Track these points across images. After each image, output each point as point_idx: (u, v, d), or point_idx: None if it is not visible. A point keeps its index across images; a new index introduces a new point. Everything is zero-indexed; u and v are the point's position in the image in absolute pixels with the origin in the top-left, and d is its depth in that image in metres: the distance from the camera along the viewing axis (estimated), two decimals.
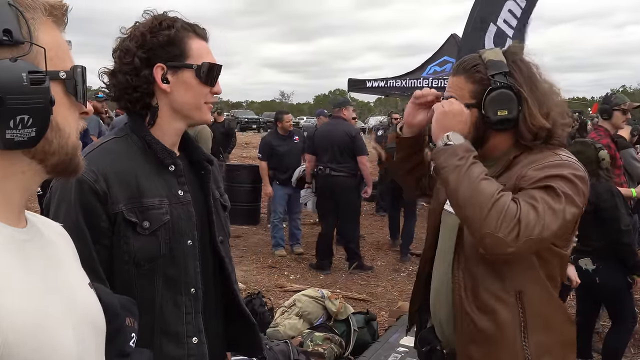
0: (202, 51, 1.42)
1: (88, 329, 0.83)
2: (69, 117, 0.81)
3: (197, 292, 1.42)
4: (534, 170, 1.47)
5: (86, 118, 0.87)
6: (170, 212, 1.38)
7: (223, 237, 1.54)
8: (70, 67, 0.81)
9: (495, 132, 1.58)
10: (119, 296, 1.16)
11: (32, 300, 0.72)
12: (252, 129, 37.84)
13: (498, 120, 1.54)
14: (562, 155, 1.52)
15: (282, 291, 5.59)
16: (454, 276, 1.59)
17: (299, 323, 4.02)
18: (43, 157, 0.77)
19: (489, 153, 1.62)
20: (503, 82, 1.54)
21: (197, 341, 1.41)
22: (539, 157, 1.52)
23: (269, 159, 7.03)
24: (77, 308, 0.82)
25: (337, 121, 6.60)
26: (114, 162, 1.36)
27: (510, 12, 4.39)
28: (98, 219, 1.32)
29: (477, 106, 1.56)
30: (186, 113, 1.43)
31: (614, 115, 4.33)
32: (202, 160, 1.53)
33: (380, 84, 10.64)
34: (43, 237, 0.84)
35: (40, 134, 0.74)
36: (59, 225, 0.96)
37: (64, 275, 0.84)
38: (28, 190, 0.80)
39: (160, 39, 1.37)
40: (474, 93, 1.57)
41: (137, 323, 1.16)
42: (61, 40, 0.82)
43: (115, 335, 1.00)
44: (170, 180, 1.42)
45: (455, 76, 1.63)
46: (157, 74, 1.37)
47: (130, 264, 1.34)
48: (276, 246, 7.13)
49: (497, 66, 1.55)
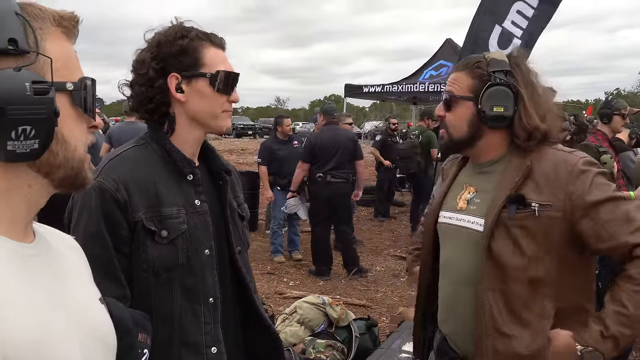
0: (216, 60, 1.42)
1: (96, 345, 0.82)
2: (76, 130, 0.79)
3: (215, 301, 1.42)
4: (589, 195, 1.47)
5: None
6: (187, 221, 1.39)
7: (241, 247, 1.55)
8: (79, 78, 0.79)
9: (488, 130, 1.59)
10: (131, 311, 1.14)
11: (34, 316, 0.70)
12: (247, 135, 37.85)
13: (493, 116, 1.55)
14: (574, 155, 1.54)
15: (282, 298, 5.57)
16: (485, 297, 1.52)
17: (300, 330, 4.00)
18: (48, 170, 0.76)
19: (483, 153, 1.65)
20: (503, 79, 1.56)
21: (216, 351, 1.40)
22: (553, 157, 1.53)
23: (268, 164, 6.99)
24: (84, 324, 0.80)
25: (335, 126, 6.59)
26: (133, 170, 1.37)
27: (520, 13, 4.35)
28: (119, 227, 1.32)
29: (474, 100, 1.58)
30: (203, 121, 1.44)
31: (614, 119, 4.35)
32: (220, 170, 1.54)
33: (377, 89, 10.69)
34: (51, 251, 0.82)
35: (44, 146, 0.72)
36: (71, 238, 0.95)
37: (72, 290, 0.82)
38: (35, 205, 0.78)
39: (173, 49, 1.38)
40: (473, 87, 1.59)
41: (149, 339, 1.14)
42: (70, 51, 0.80)
43: (126, 352, 0.98)
44: (187, 190, 1.42)
45: (456, 72, 1.66)
46: (172, 83, 1.39)
47: (149, 272, 1.34)
48: (275, 252, 7.10)
49: (499, 64, 1.58)
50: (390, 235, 8.66)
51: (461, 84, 1.61)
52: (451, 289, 1.67)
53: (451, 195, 1.74)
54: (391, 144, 9.73)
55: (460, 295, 1.62)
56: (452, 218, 1.69)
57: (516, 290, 1.50)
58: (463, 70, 1.63)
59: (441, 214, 1.73)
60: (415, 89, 10.13)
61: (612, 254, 1.50)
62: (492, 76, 1.56)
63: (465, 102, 1.60)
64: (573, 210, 1.47)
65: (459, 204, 1.68)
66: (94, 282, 0.93)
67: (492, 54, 1.62)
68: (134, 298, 1.34)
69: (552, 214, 1.48)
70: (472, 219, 1.61)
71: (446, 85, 1.67)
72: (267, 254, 7.20)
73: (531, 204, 1.49)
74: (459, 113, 1.62)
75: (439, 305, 1.74)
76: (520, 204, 1.49)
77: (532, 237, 1.49)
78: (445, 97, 1.64)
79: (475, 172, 1.70)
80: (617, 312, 1.42)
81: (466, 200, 1.67)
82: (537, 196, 1.49)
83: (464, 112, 1.61)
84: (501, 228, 1.52)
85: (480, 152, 1.65)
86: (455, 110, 1.62)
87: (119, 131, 6.23)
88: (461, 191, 1.70)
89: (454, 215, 1.68)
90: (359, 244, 7.83)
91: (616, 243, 1.44)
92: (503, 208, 1.51)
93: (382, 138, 9.82)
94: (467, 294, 1.58)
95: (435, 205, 1.76)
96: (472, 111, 1.59)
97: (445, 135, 1.67)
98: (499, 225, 1.52)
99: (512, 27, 4.29)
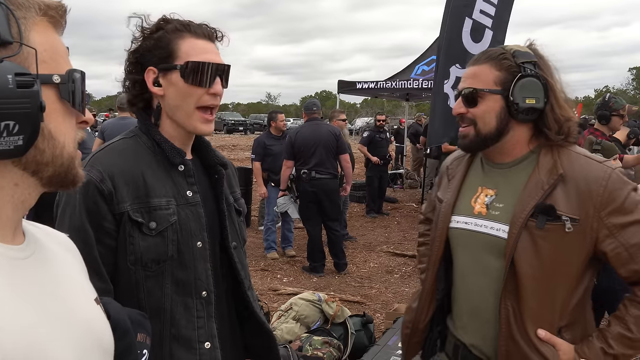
0: (193, 50, 1.34)
1: (92, 348, 0.79)
2: (64, 125, 0.74)
3: (209, 295, 1.39)
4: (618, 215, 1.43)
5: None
6: (178, 212, 1.36)
7: (237, 243, 1.51)
8: (66, 71, 0.74)
9: (516, 125, 1.54)
10: (130, 310, 1.11)
11: (24, 320, 0.67)
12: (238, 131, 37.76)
13: (526, 108, 1.49)
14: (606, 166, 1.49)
15: (276, 294, 5.55)
16: (504, 306, 1.50)
17: (296, 327, 3.99)
18: (36, 168, 0.72)
19: (507, 150, 1.58)
20: (533, 70, 1.50)
21: (209, 346, 1.37)
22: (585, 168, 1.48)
23: (262, 160, 6.95)
24: (78, 326, 0.77)
25: (318, 122, 6.49)
26: (120, 161, 1.34)
27: (486, 1, 4.35)
28: (103, 220, 1.29)
29: (503, 93, 1.51)
30: (178, 120, 1.38)
31: (612, 120, 4.35)
32: (215, 164, 1.50)
33: (370, 85, 10.68)
34: (43, 252, 0.79)
35: (28, 143, 0.68)
36: (64, 236, 0.92)
37: (65, 292, 0.79)
38: (23, 204, 0.74)
39: (148, 42, 1.36)
40: (501, 80, 1.52)
41: (149, 339, 1.11)
42: (57, 42, 0.76)
43: (125, 353, 0.95)
44: (179, 181, 1.39)
45: (476, 65, 1.57)
46: (149, 77, 1.36)
47: (137, 264, 1.31)
48: (268, 249, 7.08)
49: (526, 56, 1.52)
50: (384, 232, 8.66)
51: (485, 77, 1.54)
52: (474, 296, 1.61)
53: (464, 198, 1.66)
54: (379, 141, 9.72)
55: (482, 304, 1.58)
56: (469, 223, 1.61)
57: (530, 301, 1.48)
58: (485, 63, 1.55)
59: (453, 219, 1.65)
60: (408, 85, 10.14)
61: (628, 276, 1.48)
62: (522, 67, 1.50)
63: (493, 96, 1.52)
64: (600, 228, 1.44)
65: (475, 207, 1.61)
66: (89, 282, 0.90)
67: (514, 47, 1.56)
68: (121, 291, 1.31)
69: (579, 229, 1.44)
70: (495, 225, 1.54)
71: (461, 83, 1.60)
72: (261, 250, 7.18)
73: (561, 217, 1.44)
74: (486, 107, 1.54)
75: (456, 311, 1.69)
76: (550, 216, 1.45)
77: (554, 250, 1.46)
78: (468, 92, 1.55)
79: (493, 172, 1.63)
80: (622, 335, 1.45)
81: (484, 204, 1.60)
82: (567, 208, 1.45)
83: (491, 106, 1.53)
84: (526, 237, 1.47)
85: (503, 149, 1.58)
86: (481, 104, 1.54)
87: (111, 127, 6.19)
88: (475, 194, 1.63)
89: (471, 220, 1.61)
90: (352, 241, 7.83)
91: (636, 267, 1.44)
92: (530, 217, 1.46)
93: (369, 134, 9.81)
94: (489, 302, 1.55)
95: (447, 209, 1.67)
96: (500, 104, 1.52)
97: (470, 132, 1.58)
98: (523, 234, 1.47)
99: (482, 17, 4.29)
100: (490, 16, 4.33)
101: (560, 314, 1.49)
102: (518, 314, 1.48)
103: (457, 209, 1.66)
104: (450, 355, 1.72)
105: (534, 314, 1.47)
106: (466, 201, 1.65)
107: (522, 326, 1.48)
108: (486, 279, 1.56)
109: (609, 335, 1.46)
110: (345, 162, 6.36)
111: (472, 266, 1.61)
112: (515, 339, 1.48)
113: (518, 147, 1.57)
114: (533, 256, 1.46)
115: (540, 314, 1.48)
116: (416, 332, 1.79)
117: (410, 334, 1.81)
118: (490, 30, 4.33)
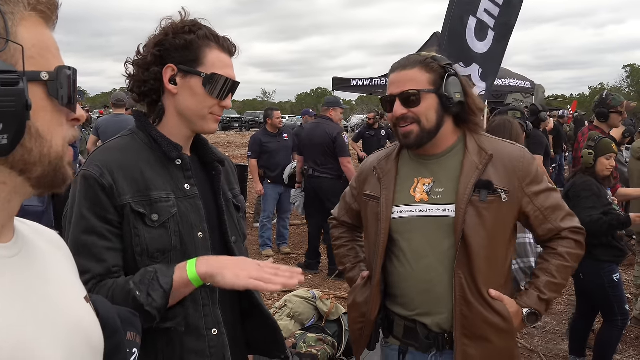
0: (218, 63, 1.42)
1: (80, 346, 0.78)
2: (52, 124, 0.72)
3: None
4: (533, 185, 1.78)
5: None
6: (178, 205, 1.40)
7: (237, 237, 1.55)
8: (55, 67, 0.72)
9: (447, 117, 1.78)
10: (120, 309, 1.10)
11: (10, 318, 0.66)
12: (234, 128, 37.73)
13: (457, 102, 1.74)
14: (520, 146, 1.85)
15: (270, 291, 5.54)
16: (457, 274, 1.71)
17: (291, 324, 3.99)
18: (23, 167, 0.70)
19: (441, 142, 1.81)
20: (453, 70, 1.76)
21: (216, 332, 1.42)
22: (507, 149, 1.80)
23: (258, 157, 6.94)
24: (66, 324, 0.76)
25: (321, 121, 6.41)
26: (118, 157, 1.38)
27: (491, 1, 4.33)
28: (106, 212, 1.33)
29: (437, 92, 1.74)
30: (189, 118, 1.44)
31: (611, 117, 4.35)
32: (213, 160, 1.55)
33: (365, 82, 10.65)
34: (31, 250, 0.78)
35: (14, 142, 0.66)
36: (57, 235, 0.91)
37: (54, 290, 0.78)
38: (10, 204, 0.72)
39: (178, 41, 1.40)
40: (433, 81, 1.75)
41: (139, 337, 1.11)
42: (47, 37, 0.74)
43: (114, 352, 0.94)
44: (176, 175, 1.43)
45: (406, 70, 1.77)
46: (166, 73, 1.41)
47: (144, 255, 1.35)
48: (264, 246, 7.08)
49: (443, 60, 1.78)
50: None
51: (420, 79, 1.74)
52: (427, 274, 1.76)
53: (401, 190, 1.83)
54: (369, 137, 9.74)
55: (436, 279, 1.74)
56: (412, 210, 1.79)
57: (477, 265, 1.70)
58: (415, 68, 1.76)
59: (395, 209, 1.81)
60: None
61: (544, 234, 1.83)
62: (446, 68, 1.75)
63: (430, 94, 1.74)
64: (522, 197, 1.76)
65: (416, 196, 1.80)
66: (80, 280, 0.89)
67: (428, 53, 1.81)
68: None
69: (510, 199, 1.74)
70: (440, 207, 1.75)
71: (395, 87, 1.77)
72: (256, 247, 7.17)
73: (497, 189, 1.72)
74: (427, 104, 1.74)
75: (403, 295, 1.82)
76: (490, 189, 1.71)
77: (495, 219, 1.72)
78: (411, 94, 1.74)
79: (425, 164, 1.83)
80: (550, 282, 1.79)
81: (424, 191, 1.79)
82: (499, 182, 1.73)
83: (431, 103, 1.75)
84: (472, 211, 1.70)
85: (437, 141, 1.79)
86: (423, 103, 1.74)
87: (106, 123, 6.17)
88: (412, 184, 1.82)
89: (414, 207, 1.79)
90: None
91: (550, 226, 1.80)
92: (473, 193, 1.70)
93: (360, 131, 9.84)
94: (442, 276, 1.74)
95: (387, 202, 1.82)
96: (437, 101, 1.75)
97: (414, 129, 1.76)
98: (469, 209, 1.70)
99: (485, 16, 4.27)
100: (493, 16, 4.32)
101: (502, 274, 1.78)
102: (471, 280, 1.71)
103: (397, 201, 1.83)
104: (401, 337, 1.85)
105: (485, 278, 1.72)
106: (405, 192, 1.83)
107: (477, 290, 1.71)
108: (438, 256, 1.74)
109: (540, 284, 1.80)
110: (344, 166, 6.09)
111: (424, 248, 1.77)
112: (469, 301, 1.71)
113: (447, 138, 1.81)
114: (480, 227, 1.70)
115: (489, 276, 1.73)
116: (368, 325, 1.88)
117: (363, 327, 1.90)
118: (492, 30, 4.31)
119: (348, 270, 2.07)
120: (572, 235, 1.81)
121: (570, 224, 1.82)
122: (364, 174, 1.99)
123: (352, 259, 2.08)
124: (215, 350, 1.40)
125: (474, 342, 1.72)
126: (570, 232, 1.81)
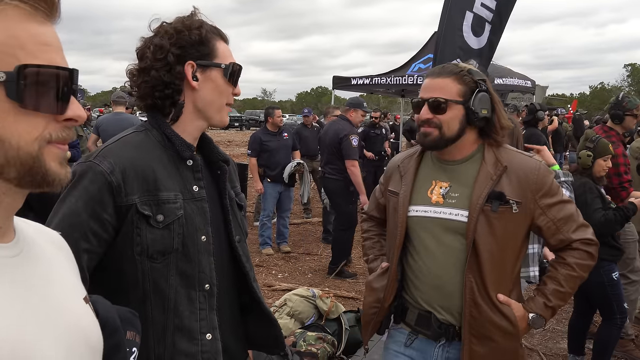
0: (227, 53, 1.48)
1: (79, 345, 0.78)
2: (13, 126, 0.67)
3: (211, 288, 1.43)
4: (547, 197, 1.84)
5: None
6: (184, 207, 1.40)
7: (240, 236, 1.56)
8: (15, 66, 0.66)
9: (469, 128, 1.87)
10: (119, 308, 1.10)
11: (10, 318, 0.66)
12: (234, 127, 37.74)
13: (482, 117, 1.84)
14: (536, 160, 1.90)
15: (271, 290, 5.55)
16: (467, 277, 1.80)
17: (291, 323, 4.00)
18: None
19: (460, 150, 1.89)
20: (485, 87, 1.85)
21: (210, 337, 1.41)
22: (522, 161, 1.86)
23: (258, 156, 6.93)
24: (66, 324, 0.76)
25: (338, 121, 6.28)
26: (132, 154, 1.38)
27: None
28: (103, 211, 1.32)
29: (464, 104, 1.83)
30: (207, 112, 1.47)
31: (626, 119, 4.33)
32: (218, 160, 1.56)
33: (365, 81, 10.58)
34: (32, 250, 0.78)
35: None
36: (56, 235, 0.91)
37: (54, 290, 0.78)
38: (2, 204, 0.71)
39: (193, 37, 1.41)
40: (463, 93, 1.84)
41: (139, 337, 1.11)
42: (19, 32, 0.67)
43: (114, 351, 0.95)
44: (186, 175, 1.43)
45: (440, 78, 1.86)
46: (188, 71, 1.42)
47: (144, 256, 1.35)
48: (263, 245, 7.08)
49: (479, 74, 1.88)
50: None
51: (450, 89, 1.83)
52: (439, 272, 1.86)
53: (419, 190, 1.93)
54: (374, 136, 9.73)
55: (446, 277, 1.84)
56: (427, 211, 1.89)
57: (486, 270, 1.78)
58: (448, 77, 1.85)
59: (411, 208, 1.92)
60: (404, 82, 10.09)
61: (556, 244, 1.88)
62: (479, 84, 1.84)
63: (457, 105, 1.83)
64: (535, 208, 1.83)
65: (432, 198, 1.90)
66: (80, 281, 0.89)
67: (467, 65, 1.90)
68: (128, 280, 1.34)
69: (522, 210, 1.81)
70: (454, 211, 1.84)
71: (426, 92, 1.87)
72: (256, 246, 7.17)
73: (509, 201, 1.79)
74: (452, 114, 1.84)
75: (418, 286, 1.92)
76: (501, 200, 1.78)
77: (505, 228, 1.80)
78: (438, 101, 1.83)
79: (445, 168, 1.92)
80: (557, 290, 1.85)
81: (440, 194, 1.89)
82: (512, 193, 1.80)
83: (456, 114, 1.84)
84: (483, 220, 1.78)
85: (456, 148, 1.89)
86: (449, 112, 1.83)
87: (106, 122, 6.16)
88: (430, 186, 1.92)
89: (429, 208, 1.89)
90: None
91: (562, 237, 1.86)
92: (485, 202, 1.78)
93: (363, 130, 9.80)
94: (452, 276, 1.83)
95: (404, 200, 1.92)
96: (462, 112, 1.84)
97: (434, 132, 1.85)
98: (481, 218, 1.78)
99: (482, 10, 4.24)
100: (491, 10, 4.29)
101: (510, 280, 1.86)
102: (481, 284, 1.79)
103: (414, 200, 1.93)
104: (413, 324, 1.95)
105: (494, 283, 1.80)
106: (422, 193, 1.93)
107: (486, 294, 1.79)
108: (449, 257, 1.84)
109: (547, 292, 1.87)
110: (348, 168, 5.94)
111: (436, 247, 1.86)
112: (478, 304, 1.80)
113: (467, 147, 1.90)
114: (490, 235, 1.78)
115: (499, 282, 1.82)
116: (382, 311, 1.99)
117: (377, 312, 2.00)
118: (489, 24, 4.29)
119: (370, 261, 2.18)
120: (582, 247, 1.86)
121: (582, 235, 1.86)
122: (390, 171, 2.11)
123: (376, 251, 2.18)
124: (208, 355, 1.40)
125: (481, 341, 1.81)
126: (581, 244, 1.86)
